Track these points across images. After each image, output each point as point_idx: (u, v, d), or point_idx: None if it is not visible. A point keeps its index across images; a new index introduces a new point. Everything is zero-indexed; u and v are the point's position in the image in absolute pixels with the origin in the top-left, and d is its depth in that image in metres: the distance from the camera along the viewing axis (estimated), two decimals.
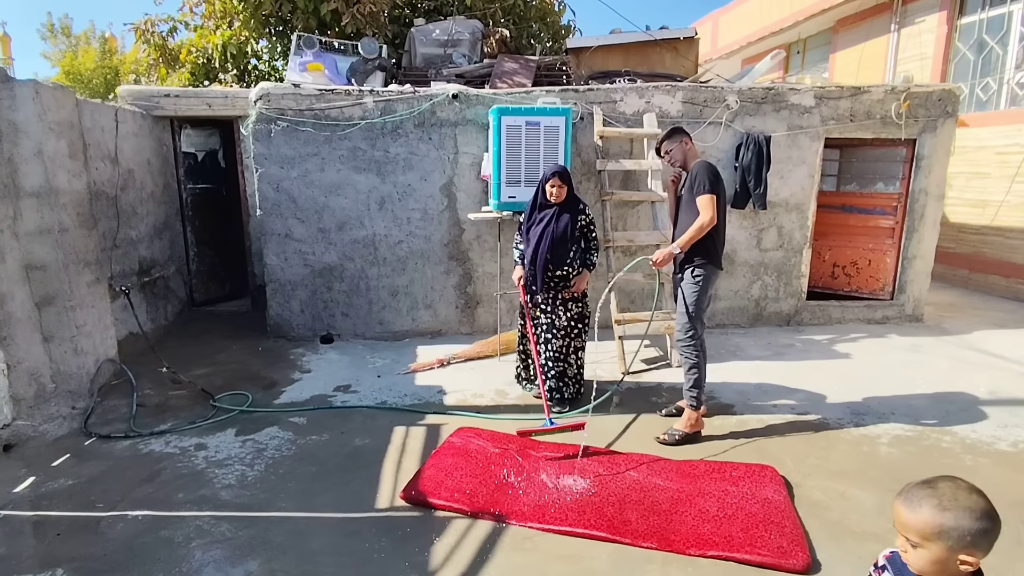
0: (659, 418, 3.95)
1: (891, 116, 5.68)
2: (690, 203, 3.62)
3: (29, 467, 3.35)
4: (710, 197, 3.49)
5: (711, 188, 3.49)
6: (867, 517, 2.86)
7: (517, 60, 6.69)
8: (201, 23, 8.82)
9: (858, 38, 10.27)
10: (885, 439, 3.65)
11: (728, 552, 2.56)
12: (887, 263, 6.22)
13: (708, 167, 3.55)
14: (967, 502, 1.26)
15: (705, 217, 3.47)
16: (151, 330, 5.59)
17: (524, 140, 4.88)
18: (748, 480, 3.11)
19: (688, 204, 3.65)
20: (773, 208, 5.79)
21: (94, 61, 21.25)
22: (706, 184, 3.49)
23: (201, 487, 3.13)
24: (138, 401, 4.18)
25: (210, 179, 6.84)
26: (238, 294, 7.23)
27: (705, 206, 3.48)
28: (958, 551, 1.25)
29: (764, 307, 6.06)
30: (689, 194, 3.63)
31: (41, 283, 4.01)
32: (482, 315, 5.78)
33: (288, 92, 5.26)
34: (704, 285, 3.63)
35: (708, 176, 3.51)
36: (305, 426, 3.87)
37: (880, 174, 6.24)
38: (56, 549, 2.64)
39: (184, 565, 2.53)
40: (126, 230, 5.45)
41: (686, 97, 5.57)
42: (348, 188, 5.44)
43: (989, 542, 1.25)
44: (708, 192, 3.49)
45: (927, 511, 1.27)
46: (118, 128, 5.37)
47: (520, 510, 2.88)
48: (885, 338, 5.68)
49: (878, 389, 4.42)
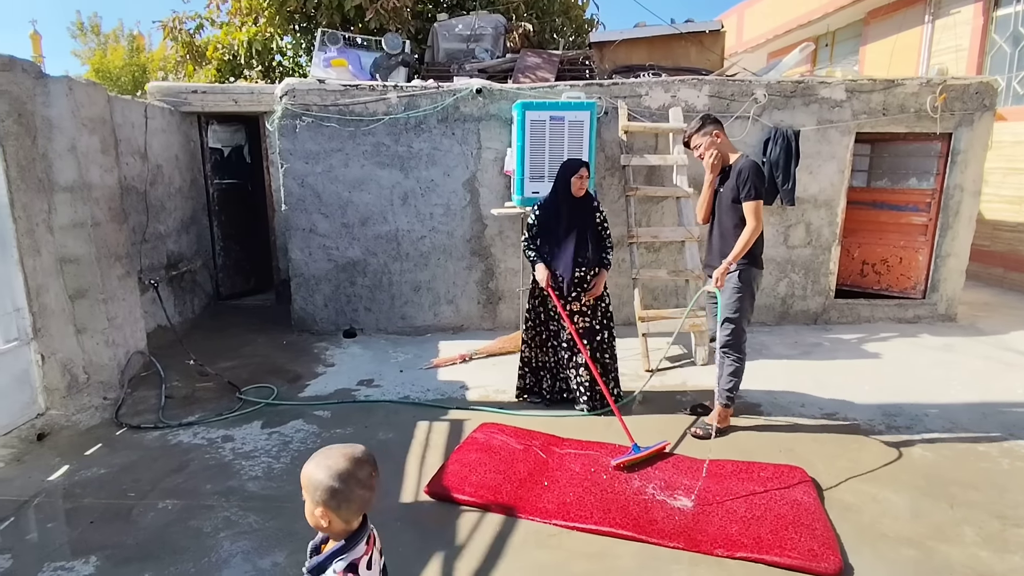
0: (684, 417, 3.90)
1: (926, 110, 5.52)
2: (731, 203, 3.47)
3: (63, 456, 3.42)
4: (758, 203, 3.37)
5: (759, 193, 3.37)
6: (901, 521, 2.79)
7: (540, 55, 6.65)
8: (227, 20, 8.92)
9: (890, 30, 10.01)
10: (919, 441, 3.56)
11: (757, 554, 2.51)
12: (919, 261, 6.06)
13: (756, 169, 3.41)
14: (332, 462, 1.38)
15: (753, 225, 3.36)
16: (179, 323, 5.68)
17: (548, 135, 4.84)
18: (777, 481, 3.06)
19: (729, 205, 3.49)
20: (801, 204, 5.68)
21: (122, 59, 21.66)
22: (755, 189, 3.36)
23: (228, 478, 3.17)
24: (167, 393, 4.26)
25: (236, 175, 6.92)
26: (263, 288, 7.32)
27: (754, 213, 3.36)
28: (316, 505, 1.38)
29: (791, 305, 5.95)
30: (731, 194, 3.47)
31: (74, 276, 4.09)
32: (504, 311, 5.77)
33: (313, 88, 5.29)
34: (748, 288, 3.53)
35: (757, 180, 3.37)
36: (329, 419, 3.89)
37: (913, 169, 6.07)
38: (89, 536, 2.69)
39: (213, 555, 2.56)
40: (155, 224, 5.54)
41: (712, 91, 5.48)
42: (371, 183, 5.46)
43: (337, 502, 1.36)
44: (756, 198, 3.37)
45: (308, 464, 1.40)
46: (147, 124, 5.46)
47: (544, 507, 2.86)
48: (917, 338, 5.54)
49: (910, 390, 4.31)
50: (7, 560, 2.53)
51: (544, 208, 3.88)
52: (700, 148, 3.60)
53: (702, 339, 4.88)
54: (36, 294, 3.85)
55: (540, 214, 3.88)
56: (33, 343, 3.84)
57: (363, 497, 1.41)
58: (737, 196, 3.43)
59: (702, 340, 4.88)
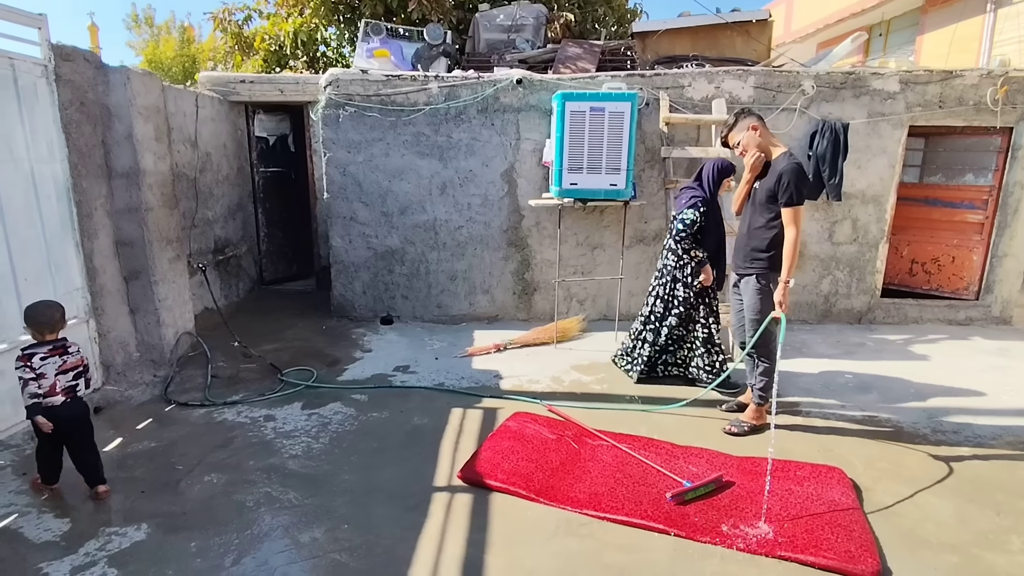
0: (719, 412, 3.85)
1: (986, 102, 5.28)
2: (766, 202, 3.39)
3: (117, 428, 3.61)
4: (799, 209, 3.27)
5: (801, 198, 3.26)
6: (944, 527, 2.70)
7: (581, 45, 6.60)
8: (274, 11, 9.12)
9: (949, 18, 9.56)
10: (966, 447, 3.43)
11: (792, 553, 2.48)
12: (973, 261, 5.81)
13: (799, 172, 3.28)
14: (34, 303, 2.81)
15: (795, 232, 3.27)
16: (224, 306, 5.88)
17: (588, 126, 4.81)
18: (814, 481, 3.00)
19: (764, 203, 3.40)
20: (848, 199, 5.50)
21: (174, 50, 22.34)
22: (796, 194, 3.25)
23: (270, 456, 3.28)
24: (212, 372, 4.42)
25: (280, 163, 7.10)
26: (304, 274, 7.51)
27: (795, 219, 3.26)
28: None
29: (834, 303, 5.79)
30: (767, 193, 3.37)
31: (129, 258, 4.28)
32: (539, 302, 5.79)
33: (356, 78, 5.38)
34: (768, 290, 3.47)
35: (799, 184, 3.26)
36: (366, 403, 3.99)
37: (970, 165, 5.81)
38: (141, 505, 2.84)
39: (255, 528, 2.66)
40: (203, 210, 5.73)
41: (758, 82, 5.35)
42: (411, 173, 5.53)
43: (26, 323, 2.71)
44: (798, 204, 3.26)
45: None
46: (198, 113, 5.64)
47: (576, 496, 2.88)
48: (968, 340, 5.33)
49: (959, 394, 4.16)
50: (66, 524, 2.69)
51: (704, 206, 3.91)
52: (741, 145, 3.48)
53: None
54: (94, 275, 4.04)
55: (702, 213, 3.90)
56: (91, 321, 4.04)
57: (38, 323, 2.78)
58: (774, 196, 3.33)
59: None
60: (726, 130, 3.55)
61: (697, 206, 3.89)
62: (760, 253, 3.46)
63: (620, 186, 4.90)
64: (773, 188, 3.33)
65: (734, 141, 3.52)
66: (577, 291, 5.77)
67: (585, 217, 5.56)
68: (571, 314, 5.70)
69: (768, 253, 3.43)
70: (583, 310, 5.76)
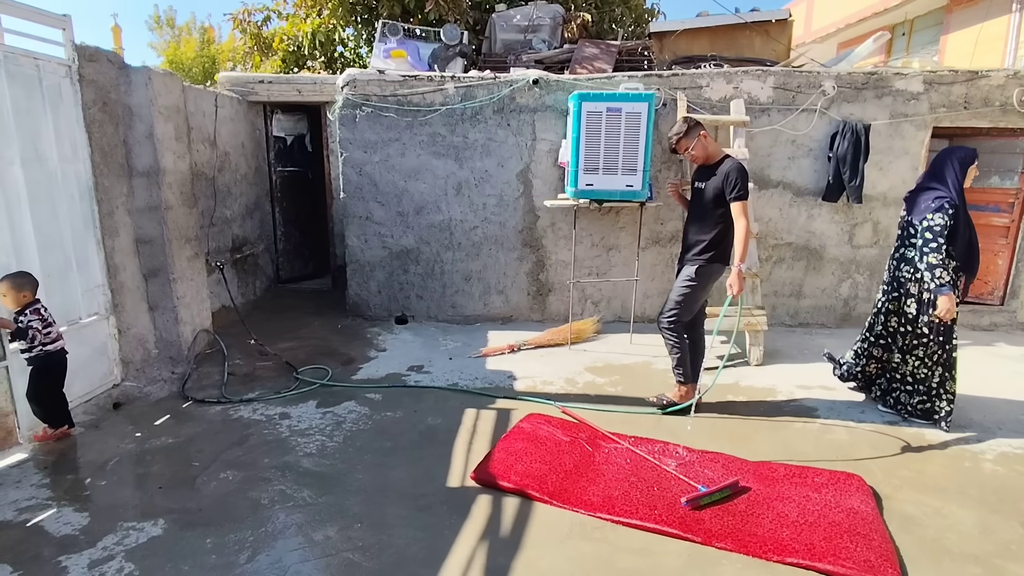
0: (736, 418, 3.81)
1: (1012, 103, 5.16)
2: (713, 200, 3.61)
3: (135, 424, 3.65)
4: (746, 203, 3.53)
5: (747, 193, 3.54)
6: (967, 538, 2.64)
7: (598, 45, 6.57)
8: (293, 12, 9.20)
9: (975, 18, 9.37)
10: (990, 455, 3.35)
11: (809, 560, 2.44)
12: (998, 265, 5.68)
13: (743, 169, 3.56)
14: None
15: (746, 223, 3.50)
16: (241, 304, 5.94)
17: (604, 127, 4.79)
18: (832, 488, 2.95)
19: (711, 201, 3.62)
20: (869, 202, 5.41)
21: (194, 50, 22.63)
22: (744, 189, 3.51)
23: (285, 454, 3.30)
24: (229, 370, 4.47)
25: (298, 163, 7.16)
26: (320, 273, 7.56)
27: (744, 212, 3.51)
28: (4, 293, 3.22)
29: (853, 307, 5.70)
30: (715, 193, 3.59)
31: (148, 256, 4.34)
32: (553, 303, 5.77)
33: (373, 78, 5.40)
34: (703, 282, 3.71)
35: (745, 180, 3.53)
36: (380, 402, 4.00)
37: (996, 167, 5.69)
38: (158, 500, 2.87)
39: (269, 525, 2.68)
40: (222, 209, 5.80)
41: (777, 82, 5.28)
42: (427, 173, 5.54)
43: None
44: (746, 197, 3.52)
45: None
46: (217, 113, 5.71)
47: (590, 499, 2.86)
48: (992, 346, 5.22)
49: (982, 401, 4.06)
50: (85, 518, 2.73)
51: (952, 208, 3.39)
52: (692, 151, 3.68)
53: (756, 339, 4.75)
54: (114, 272, 4.10)
55: (951, 215, 3.38)
56: (111, 318, 4.10)
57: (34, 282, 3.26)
58: (722, 194, 3.55)
59: (756, 340, 4.75)
60: (677, 137, 3.72)
61: (945, 208, 3.37)
62: (707, 247, 3.67)
63: (636, 187, 4.87)
64: (720, 186, 3.56)
65: (685, 148, 3.70)
66: (592, 292, 5.74)
67: (601, 218, 5.53)
68: (585, 315, 5.67)
69: (714, 247, 3.66)
70: (598, 312, 5.73)
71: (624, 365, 4.67)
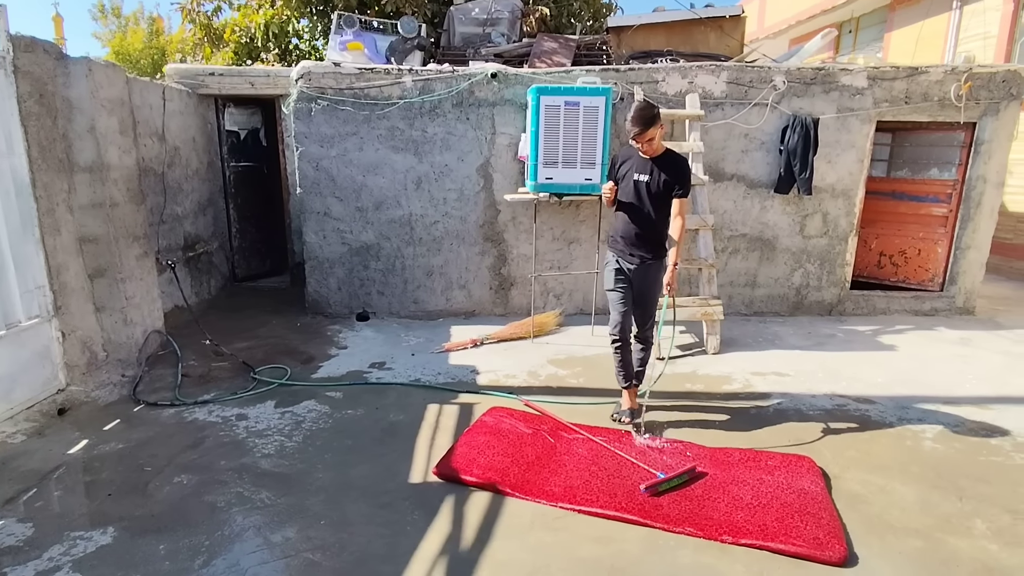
0: (694, 406, 3.90)
1: (950, 98, 5.40)
2: (664, 192, 3.39)
3: (82, 430, 3.51)
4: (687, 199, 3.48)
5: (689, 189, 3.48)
6: (909, 513, 2.77)
7: (556, 39, 6.58)
8: (244, 2, 8.94)
9: (916, 16, 9.78)
10: (930, 434, 3.53)
11: (762, 541, 2.52)
12: (938, 253, 5.96)
13: (687, 164, 3.51)
14: None
15: (684, 220, 3.43)
16: (195, 303, 5.77)
17: (563, 120, 4.81)
18: (784, 470, 3.06)
19: (662, 194, 3.40)
20: (819, 194, 5.60)
21: (142, 41, 21.76)
22: (689, 186, 3.46)
23: (242, 455, 3.23)
24: (183, 371, 4.34)
25: (252, 157, 6.97)
26: (278, 271, 7.39)
27: (686, 209, 3.47)
28: None
29: (805, 296, 5.90)
30: (666, 186, 3.38)
31: (93, 255, 4.17)
32: (516, 297, 5.78)
33: (328, 71, 5.30)
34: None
35: (689, 176, 3.47)
36: (341, 400, 3.95)
37: (935, 159, 5.96)
38: (108, 508, 2.77)
39: (226, 529, 2.62)
40: (172, 206, 5.61)
41: (731, 77, 5.40)
42: (386, 168, 5.47)
43: None
44: (688, 195, 3.46)
45: None
46: (165, 106, 5.51)
47: (551, 490, 2.89)
48: (933, 331, 5.47)
49: (924, 383, 4.27)
50: (29, 528, 2.61)
51: None
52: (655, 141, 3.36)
53: (713, 328, 4.86)
54: (56, 272, 3.93)
55: None
56: (54, 320, 3.92)
57: None
58: (672, 187, 3.38)
59: (713, 329, 4.86)
60: (645, 126, 3.30)
61: None
62: (659, 244, 3.50)
63: (595, 180, 4.92)
64: (673, 180, 3.38)
65: (652, 136, 3.33)
66: (554, 286, 5.78)
67: (561, 212, 5.57)
68: (548, 309, 5.71)
69: (663, 242, 3.52)
70: (560, 305, 5.78)
71: (586, 357, 4.73)
